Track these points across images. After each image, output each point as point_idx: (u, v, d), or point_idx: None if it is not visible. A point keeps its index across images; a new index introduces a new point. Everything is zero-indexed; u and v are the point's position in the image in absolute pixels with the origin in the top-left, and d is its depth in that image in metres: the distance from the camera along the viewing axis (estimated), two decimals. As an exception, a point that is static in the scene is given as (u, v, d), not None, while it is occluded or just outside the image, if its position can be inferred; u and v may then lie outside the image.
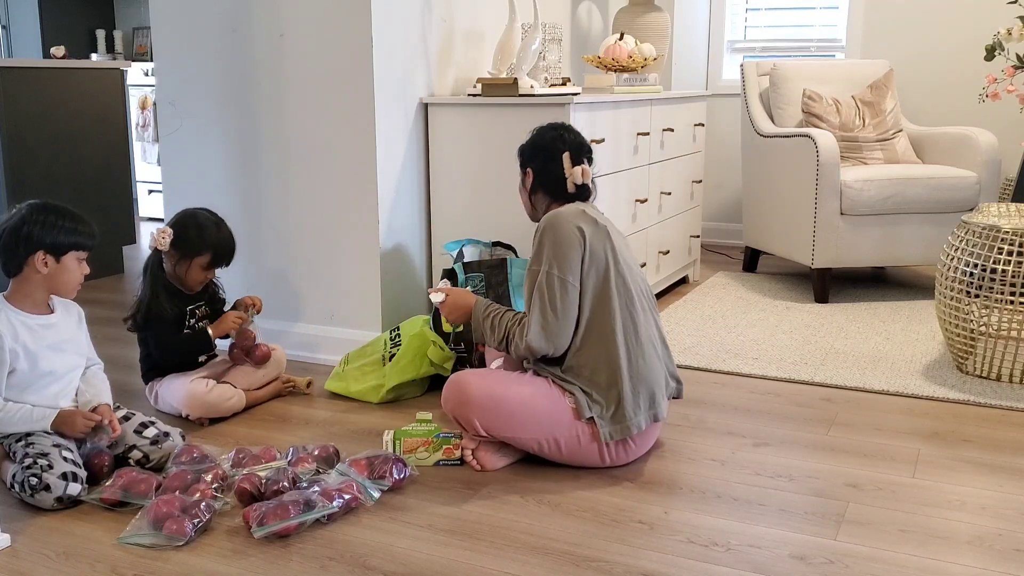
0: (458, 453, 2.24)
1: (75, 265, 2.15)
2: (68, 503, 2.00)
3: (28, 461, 2.01)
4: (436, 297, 2.35)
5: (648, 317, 2.25)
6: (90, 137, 4.36)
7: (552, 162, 2.33)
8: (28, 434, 2.08)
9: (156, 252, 2.58)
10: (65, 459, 2.03)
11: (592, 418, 2.13)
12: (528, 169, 2.38)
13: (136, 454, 2.20)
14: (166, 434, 2.23)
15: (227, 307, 2.73)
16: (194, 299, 2.63)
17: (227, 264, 2.63)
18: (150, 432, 2.22)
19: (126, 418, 2.24)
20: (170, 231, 2.56)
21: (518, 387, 2.15)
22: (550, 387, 2.17)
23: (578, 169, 2.32)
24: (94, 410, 2.15)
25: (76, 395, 2.21)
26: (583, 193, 2.35)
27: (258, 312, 2.72)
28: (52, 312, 2.18)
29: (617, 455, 2.19)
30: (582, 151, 2.37)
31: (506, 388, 2.15)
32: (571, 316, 2.16)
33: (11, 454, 2.09)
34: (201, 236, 2.57)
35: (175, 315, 2.56)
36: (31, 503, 2.00)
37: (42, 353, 2.12)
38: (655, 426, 2.24)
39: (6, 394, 2.09)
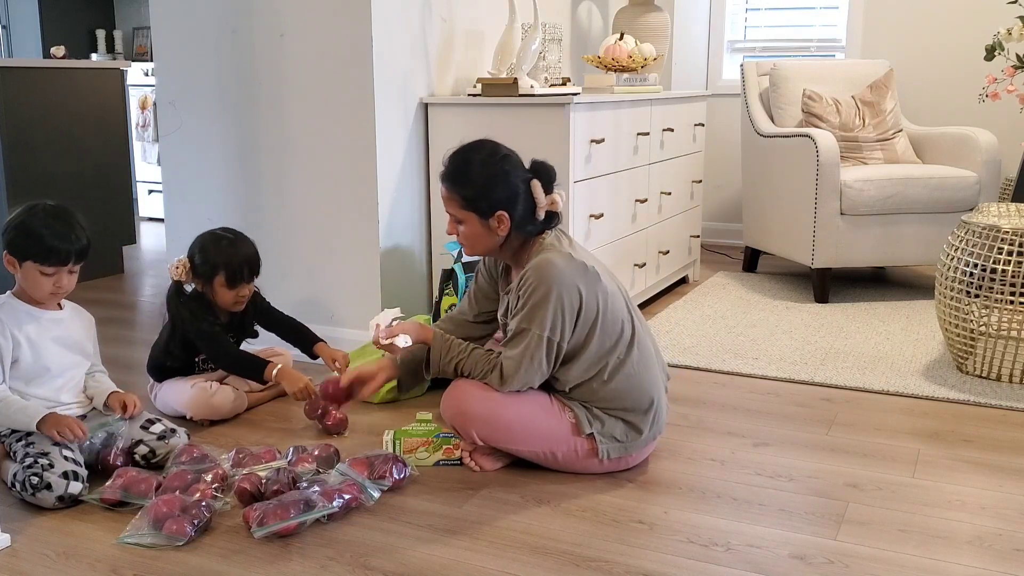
0: (458, 453, 2.24)
1: (36, 275, 2.09)
2: (69, 502, 2.00)
3: (29, 460, 2.01)
4: (401, 341, 2.16)
5: (642, 334, 2.19)
6: (90, 137, 4.36)
7: (524, 196, 2.12)
8: (28, 433, 2.08)
9: (176, 284, 2.56)
10: (66, 458, 2.03)
11: (592, 434, 2.13)
12: (499, 213, 2.10)
13: (142, 448, 2.20)
14: (172, 430, 2.25)
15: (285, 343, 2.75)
16: (224, 327, 2.61)
17: (250, 278, 2.57)
18: (156, 428, 2.24)
19: (131, 416, 2.25)
20: (184, 260, 2.55)
21: (518, 402, 2.12)
22: (551, 402, 2.15)
23: (556, 197, 2.14)
24: (107, 401, 2.21)
25: (85, 391, 2.24)
26: (551, 219, 2.17)
27: (342, 370, 2.61)
28: (61, 310, 2.21)
29: (615, 467, 2.18)
30: (550, 175, 2.16)
31: (506, 403, 2.11)
32: (552, 366, 2.10)
33: (11, 453, 2.10)
34: (209, 257, 2.52)
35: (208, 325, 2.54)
36: (32, 502, 2.00)
37: (46, 345, 2.14)
38: (654, 440, 2.24)
39: (11, 384, 2.11)
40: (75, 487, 2.00)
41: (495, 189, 2.10)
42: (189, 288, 2.58)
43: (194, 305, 2.56)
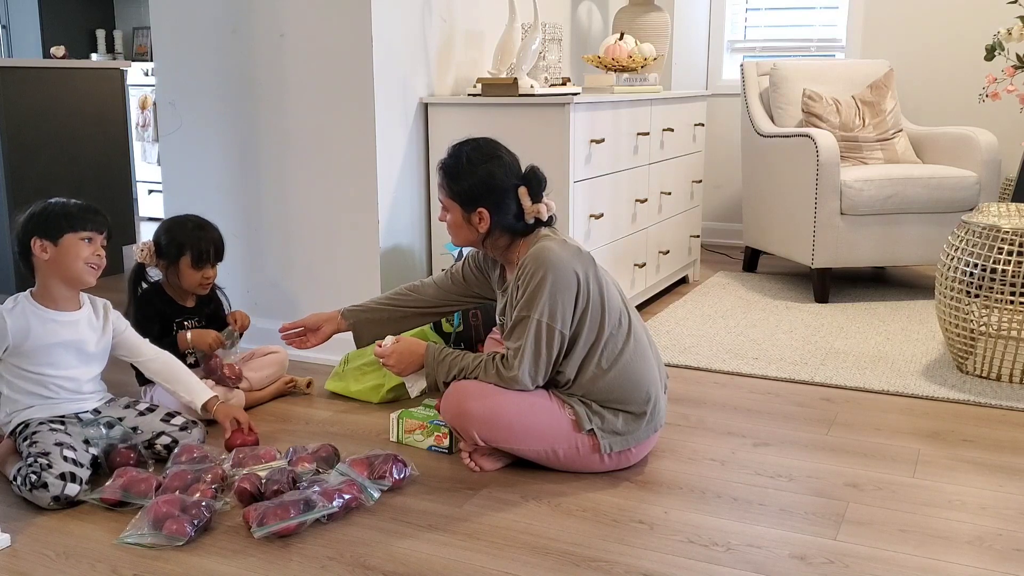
0: (446, 442, 2.30)
1: (77, 245, 2.13)
2: (65, 503, 2.00)
3: (30, 460, 2.02)
4: (387, 341, 2.26)
5: (638, 327, 2.20)
6: (90, 137, 4.36)
7: (508, 199, 2.17)
8: (34, 432, 2.10)
9: (139, 266, 2.61)
10: (65, 459, 2.03)
11: (592, 430, 2.13)
12: (479, 209, 2.17)
13: (164, 439, 2.24)
14: (193, 422, 2.31)
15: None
16: (187, 312, 2.63)
17: (215, 259, 2.60)
18: (177, 420, 2.29)
19: (150, 409, 2.30)
20: (149, 243, 2.59)
21: (517, 400, 2.12)
22: (549, 400, 2.15)
23: (541, 206, 2.17)
24: (213, 414, 2.32)
25: (163, 380, 2.35)
26: (542, 223, 2.21)
27: (241, 332, 2.68)
28: (79, 309, 2.21)
29: (617, 463, 2.18)
30: (540, 184, 2.19)
31: (505, 401, 2.11)
32: (555, 359, 2.12)
33: (20, 451, 2.12)
34: (176, 237, 2.56)
35: (158, 328, 2.55)
36: (29, 499, 2.01)
37: (50, 349, 2.15)
38: (655, 434, 2.24)
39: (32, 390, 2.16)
40: (72, 489, 1.99)
41: (479, 188, 2.17)
42: (153, 274, 2.61)
43: (152, 306, 2.57)
